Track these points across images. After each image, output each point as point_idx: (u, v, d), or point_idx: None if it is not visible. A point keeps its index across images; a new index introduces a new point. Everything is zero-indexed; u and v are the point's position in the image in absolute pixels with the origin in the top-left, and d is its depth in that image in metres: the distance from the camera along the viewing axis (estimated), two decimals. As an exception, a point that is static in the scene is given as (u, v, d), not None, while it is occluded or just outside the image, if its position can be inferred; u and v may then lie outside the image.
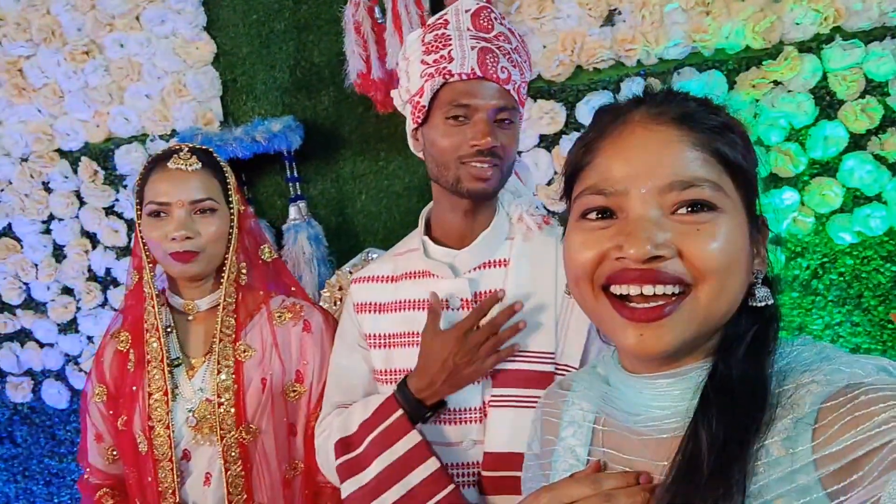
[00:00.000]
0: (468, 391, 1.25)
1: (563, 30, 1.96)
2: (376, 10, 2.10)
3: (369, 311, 1.37)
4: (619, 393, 0.77)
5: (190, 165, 1.39)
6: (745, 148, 0.70)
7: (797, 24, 1.90)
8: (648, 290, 0.65)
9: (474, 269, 1.30)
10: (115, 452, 1.48)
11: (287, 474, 1.43)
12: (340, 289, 2.22)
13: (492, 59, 1.20)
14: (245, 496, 1.37)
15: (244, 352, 1.41)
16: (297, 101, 2.32)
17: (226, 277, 1.42)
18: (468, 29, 1.22)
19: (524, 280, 1.26)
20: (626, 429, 0.75)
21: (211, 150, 1.46)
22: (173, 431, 1.36)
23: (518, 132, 1.28)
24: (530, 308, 1.24)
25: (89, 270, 2.55)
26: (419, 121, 1.28)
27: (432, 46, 1.23)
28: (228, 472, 1.36)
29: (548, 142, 2.01)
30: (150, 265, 1.44)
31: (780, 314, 0.73)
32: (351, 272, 2.20)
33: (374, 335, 1.36)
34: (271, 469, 1.40)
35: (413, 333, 1.31)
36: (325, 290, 2.26)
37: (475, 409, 1.25)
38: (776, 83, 1.93)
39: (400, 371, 1.32)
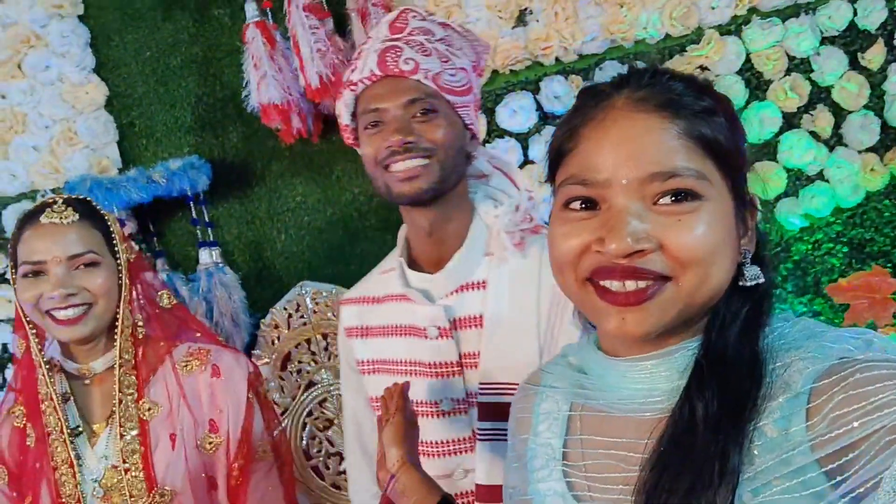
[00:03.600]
0: (457, 422, 1.20)
1: (475, 34, 1.86)
2: (277, 34, 1.99)
3: (358, 336, 1.32)
4: (597, 379, 0.76)
5: (65, 218, 1.28)
6: (731, 128, 0.69)
7: (713, 7, 1.85)
8: (631, 285, 0.65)
9: (451, 292, 1.20)
10: None
11: None
12: (276, 327, 2.07)
13: (393, 55, 1.13)
14: None
15: (148, 410, 1.31)
16: (203, 140, 2.15)
17: (119, 332, 1.31)
18: (385, 36, 1.17)
19: (504, 304, 1.17)
20: (606, 411, 0.75)
21: (90, 199, 1.36)
22: None
23: (453, 121, 1.17)
24: (511, 335, 1.16)
25: (-20, 348, 2.27)
26: (350, 142, 1.24)
27: (351, 67, 1.20)
28: None
29: (472, 152, 1.88)
30: (35, 331, 1.33)
31: (772, 292, 0.72)
32: (286, 308, 2.06)
33: (364, 361, 1.31)
34: None
35: (389, 361, 1.26)
36: (260, 331, 2.09)
37: (465, 438, 1.21)
38: (702, 68, 1.87)
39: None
